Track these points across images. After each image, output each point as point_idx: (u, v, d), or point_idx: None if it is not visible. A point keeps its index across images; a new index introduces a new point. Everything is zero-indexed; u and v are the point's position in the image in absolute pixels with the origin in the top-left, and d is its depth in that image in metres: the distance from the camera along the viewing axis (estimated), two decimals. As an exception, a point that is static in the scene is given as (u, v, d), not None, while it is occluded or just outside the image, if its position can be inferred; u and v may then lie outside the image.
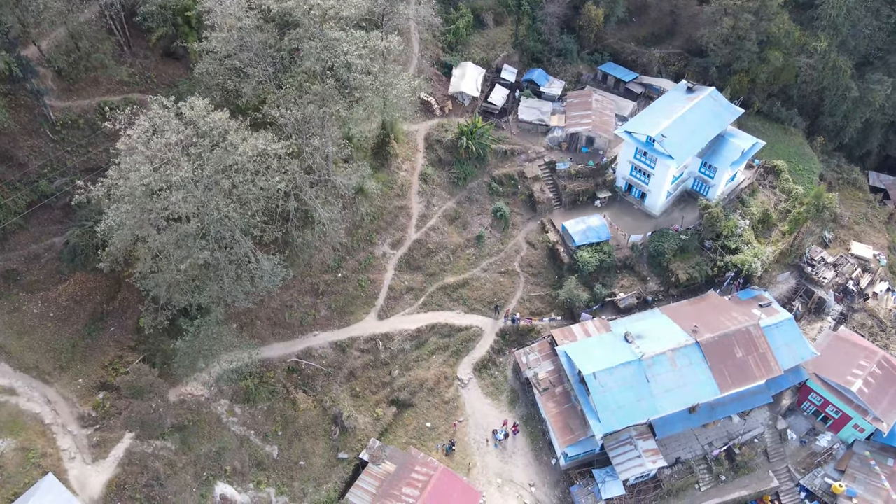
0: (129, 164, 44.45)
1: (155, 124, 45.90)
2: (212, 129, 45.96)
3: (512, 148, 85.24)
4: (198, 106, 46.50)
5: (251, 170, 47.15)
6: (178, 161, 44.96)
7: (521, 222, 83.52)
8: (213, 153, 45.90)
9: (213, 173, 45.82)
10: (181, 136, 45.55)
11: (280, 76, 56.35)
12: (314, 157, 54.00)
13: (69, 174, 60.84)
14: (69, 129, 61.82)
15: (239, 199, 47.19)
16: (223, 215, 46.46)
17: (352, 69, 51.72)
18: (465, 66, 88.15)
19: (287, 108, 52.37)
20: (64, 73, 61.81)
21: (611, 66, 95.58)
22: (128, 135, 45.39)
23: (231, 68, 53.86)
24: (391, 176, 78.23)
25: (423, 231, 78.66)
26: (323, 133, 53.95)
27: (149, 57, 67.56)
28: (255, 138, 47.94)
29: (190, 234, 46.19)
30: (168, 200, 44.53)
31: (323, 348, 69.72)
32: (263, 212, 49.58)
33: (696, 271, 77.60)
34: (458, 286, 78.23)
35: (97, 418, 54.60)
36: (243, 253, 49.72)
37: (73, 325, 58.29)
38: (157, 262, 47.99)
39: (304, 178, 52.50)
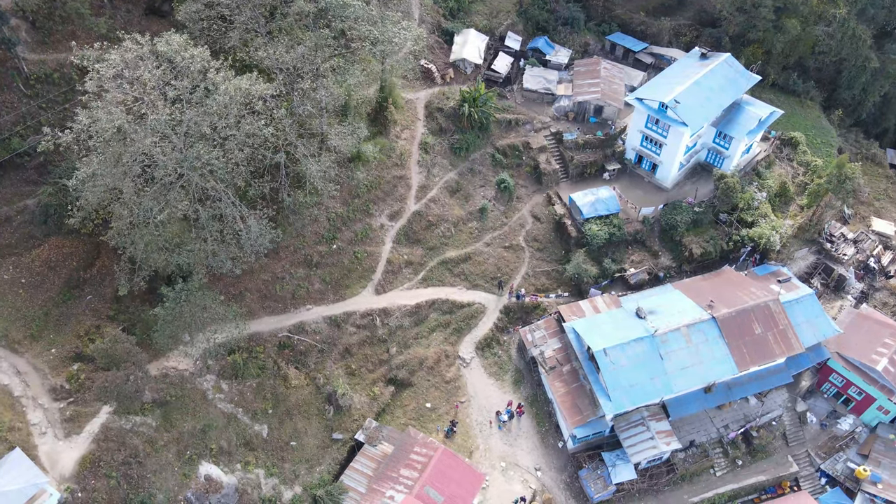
0: (99, 108, 40.30)
1: (127, 60, 41.69)
2: (190, 67, 41.74)
3: (516, 118, 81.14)
4: (174, 41, 42.31)
5: (234, 113, 42.98)
6: (153, 103, 40.78)
7: (526, 195, 79.47)
8: (192, 95, 41.69)
9: (193, 117, 41.65)
10: (157, 74, 41.36)
11: (270, 24, 52.16)
12: (304, 104, 49.80)
13: (44, 130, 56.50)
14: (43, 83, 57.65)
15: (221, 145, 42.99)
16: (204, 163, 42.32)
17: (347, 12, 47.51)
18: (468, 33, 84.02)
19: (275, 50, 48.09)
20: (38, 24, 57.59)
21: (619, 37, 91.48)
22: (96, 70, 41.17)
23: (217, 16, 49.63)
24: (390, 144, 74.11)
25: (423, 202, 74.61)
26: (315, 79, 49.73)
27: (131, 11, 63.41)
28: (239, 79, 43.73)
29: (167, 183, 42.07)
30: (143, 143, 40.34)
31: (316, 323, 65.68)
32: (249, 162, 45.37)
33: (711, 245, 73.61)
34: (459, 261, 74.22)
35: (70, 391, 50.54)
36: (228, 208, 45.61)
37: (46, 293, 54.17)
38: (133, 215, 43.84)
39: (293, 128, 48.29)
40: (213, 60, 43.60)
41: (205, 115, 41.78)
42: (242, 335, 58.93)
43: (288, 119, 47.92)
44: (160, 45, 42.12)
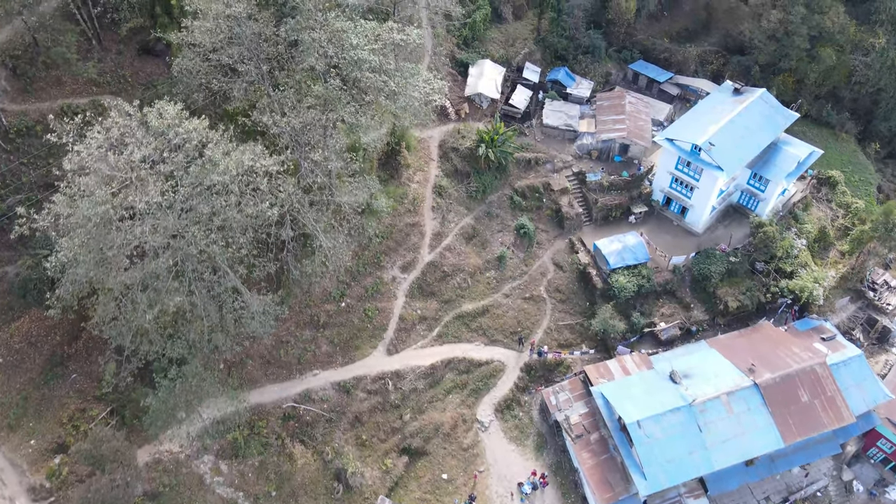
0: (80, 188, 35.10)
1: (113, 137, 36.48)
2: (186, 143, 36.52)
3: (536, 156, 75.90)
4: (167, 113, 37.11)
5: (236, 192, 37.77)
6: (143, 182, 35.57)
7: (547, 240, 74.21)
8: (188, 172, 36.52)
9: (188, 197, 36.47)
10: (147, 152, 36.15)
11: (276, 74, 46.93)
12: (315, 174, 44.64)
13: (25, 190, 51.43)
14: (25, 136, 52.54)
15: (221, 228, 37.82)
16: (201, 250, 37.19)
17: (362, 67, 42.29)
18: (483, 64, 78.77)
19: (282, 114, 42.85)
20: (20, 70, 52.35)
21: (642, 65, 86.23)
22: (76, 151, 35.93)
23: (217, 65, 44.41)
24: (402, 189, 68.92)
25: (437, 251, 69.38)
26: (326, 144, 44.54)
27: (122, 53, 58.18)
28: (241, 152, 38.53)
29: (159, 273, 36.91)
30: (132, 234, 35.17)
31: (324, 390, 60.50)
32: (253, 242, 40.29)
33: (747, 298, 68.38)
34: (477, 314, 68.98)
35: (52, 489, 45.41)
36: (228, 290, 40.43)
37: (26, 373, 49.03)
38: (120, 306, 38.67)
39: (302, 199, 43.06)
40: (212, 130, 38.38)
41: (202, 195, 36.65)
42: (243, 410, 53.67)
43: (298, 192, 42.68)
44: (151, 118, 36.93)
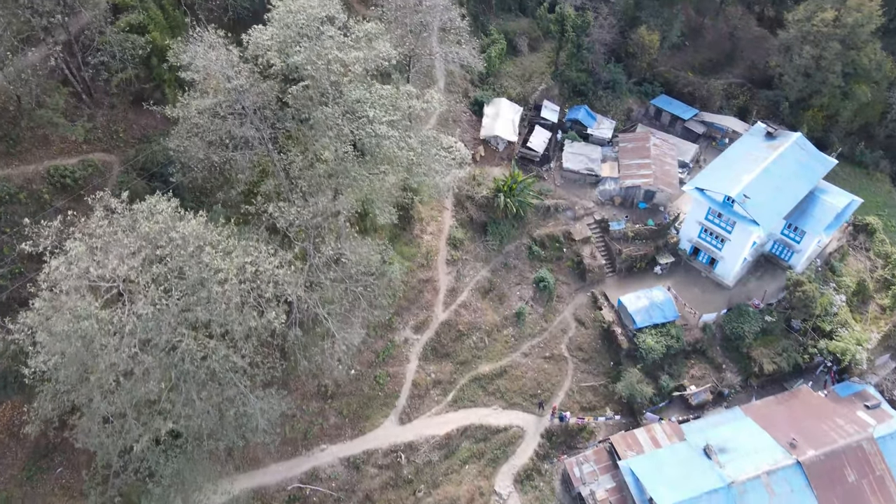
0: (57, 304, 30.85)
1: (95, 248, 32.18)
2: (180, 248, 32.26)
3: (556, 203, 71.55)
4: (162, 210, 32.81)
5: (237, 301, 33.50)
6: (132, 291, 31.32)
7: (568, 294, 69.82)
8: (182, 277, 32.25)
9: (185, 308, 32.23)
10: (136, 263, 31.85)
11: (281, 138, 42.52)
12: (330, 267, 40.28)
13: (7, 264, 47.01)
14: (7, 204, 48.09)
15: (221, 336, 33.56)
16: (196, 367, 32.94)
17: (380, 143, 38.06)
18: (499, 103, 74.41)
19: (291, 202, 38.54)
20: (2, 132, 48.04)
21: (665, 101, 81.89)
22: (54, 267, 31.55)
23: (217, 139, 40.06)
24: (414, 242, 64.58)
25: (452, 309, 65.01)
26: (337, 227, 40.29)
27: (115, 106, 53.86)
28: (244, 250, 34.24)
29: (152, 398, 32.70)
30: (118, 356, 30.92)
31: (332, 467, 56.05)
32: (256, 347, 36.05)
33: (784, 359, 64.03)
34: (494, 376, 64.59)
35: None
36: (230, 399, 36.17)
37: (7, 469, 44.66)
38: (106, 430, 34.39)
39: (312, 297, 38.75)
40: (212, 223, 34.09)
41: (199, 303, 32.42)
42: (243, 499, 49.32)
43: (307, 294, 38.40)
44: (141, 221, 32.56)
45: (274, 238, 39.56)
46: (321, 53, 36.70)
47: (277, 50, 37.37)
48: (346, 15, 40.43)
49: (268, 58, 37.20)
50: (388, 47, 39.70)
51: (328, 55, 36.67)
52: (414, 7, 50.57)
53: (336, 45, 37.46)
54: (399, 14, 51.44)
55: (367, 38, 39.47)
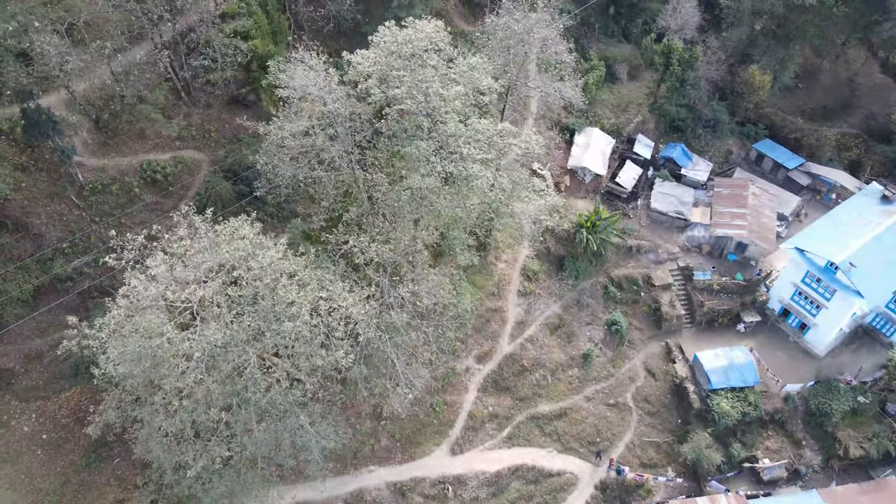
0: (132, 322, 30.75)
1: (174, 266, 32.03)
2: (257, 278, 31.74)
3: (639, 244, 68.25)
4: (245, 234, 32.35)
5: (306, 336, 32.72)
6: (203, 318, 31.00)
7: (640, 340, 66.46)
8: (255, 307, 31.77)
9: (252, 337, 31.71)
10: (215, 286, 31.52)
11: (369, 161, 41.57)
12: (403, 307, 39.10)
13: (92, 251, 48.27)
14: (99, 194, 49.40)
15: (287, 374, 32.94)
16: (260, 396, 32.41)
17: (471, 183, 36.50)
18: (591, 133, 71.61)
19: (372, 226, 37.57)
20: (102, 123, 49.26)
21: (769, 146, 76.90)
22: (133, 287, 31.56)
23: (305, 160, 39.48)
24: (487, 270, 62.83)
25: (518, 342, 62.89)
26: (412, 270, 39.13)
27: (211, 106, 54.61)
28: (319, 283, 33.43)
29: (212, 426, 32.40)
30: (183, 380, 30.66)
31: (379, 490, 55.05)
32: (319, 382, 35.29)
33: (873, 446, 58.74)
34: (553, 417, 62.08)
35: None
36: (289, 426, 35.55)
37: (68, 454, 45.77)
38: (164, 447, 34.32)
39: (383, 338, 37.68)
40: (288, 254, 33.51)
41: (268, 330, 31.83)
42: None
43: (377, 333, 37.37)
44: (223, 245, 32.23)
45: (350, 269, 38.68)
46: (421, 87, 35.45)
47: (378, 79, 36.35)
48: (453, 47, 39.06)
49: (367, 86, 36.21)
50: (489, 81, 38.10)
51: (429, 89, 35.38)
52: (520, 37, 48.75)
53: (438, 78, 36.11)
54: (504, 43, 49.81)
55: (469, 71, 37.96)
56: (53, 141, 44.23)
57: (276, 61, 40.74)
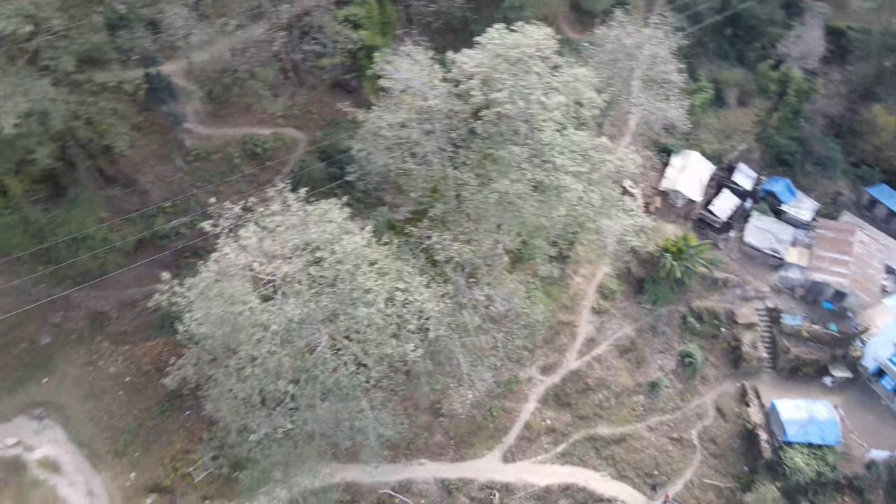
0: (219, 286, 32.27)
1: (262, 237, 33.37)
2: (340, 262, 32.59)
3: (726, 277, 65.34)
4: (333, 217, 33.36)
5: (378, 324, 33.34)
6: (285, 293, 32.16)
7: (714, 377, 63.68)
8: (334, 289, 32.66)
9: (328, 318, 32.61)
10: (300, 263, 32.67)
11: (461, 160, 41.76)
12: (476, 310, 39.22)
13: (190, 213, 50.99)
14: (203, 160, 52.21)
15: (354, 358, 33.75)
16: (326, 376, 33.33)
17: (560, 194, 36.09)
18: (690, 156, 69.14)
19: (457, 224, 37.81)
20: (214, 94, 51.92)
21: (885, 192, 71.70)
22: (224, 253, 33.08)
23: (398, 151, 40.21)
24: (563, 282, 61.92)
25: (585, 359, 61.71)
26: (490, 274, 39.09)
27: (315, 87, 56.56)
28: (398, 273, 33.98)
29: (276, 394, 33.63)
30: (258, 349, 31.97)
31: (426, 484, 55.46)
32: (385, 371, 36.03)
33: (961, 530, 53.79)
34: (611, 441, 60.46)
35: (135, 533, 44.34)
36: (350, 409, 36.46)
37: (146, 399, 48.70)
38: (232, 411, 35.91)
39: (452, 336, 37.96)
40: (372, 242, 34.26)
41: (343, 312, 32.68)
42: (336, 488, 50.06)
43: (448, 332, 37.63)
44: (312, 225, 33.34)
45: (429, 264, 39.07)
46: (523, 93, 35.27)
47: (480, 80, 36.45)
48: (559, 55, 38.64)
49: (469, 86, 36.37)
50: (592, 94, 37.42)
51: (530, 95, 35.16)
52: (629, 51, 47.57)
53: (541, 86, 35.81)
54: (611, 56, 48.79)
55: (574, 81, 37.44)
56: (169, 106, 47.06)
57: (383, 52, 41.67)
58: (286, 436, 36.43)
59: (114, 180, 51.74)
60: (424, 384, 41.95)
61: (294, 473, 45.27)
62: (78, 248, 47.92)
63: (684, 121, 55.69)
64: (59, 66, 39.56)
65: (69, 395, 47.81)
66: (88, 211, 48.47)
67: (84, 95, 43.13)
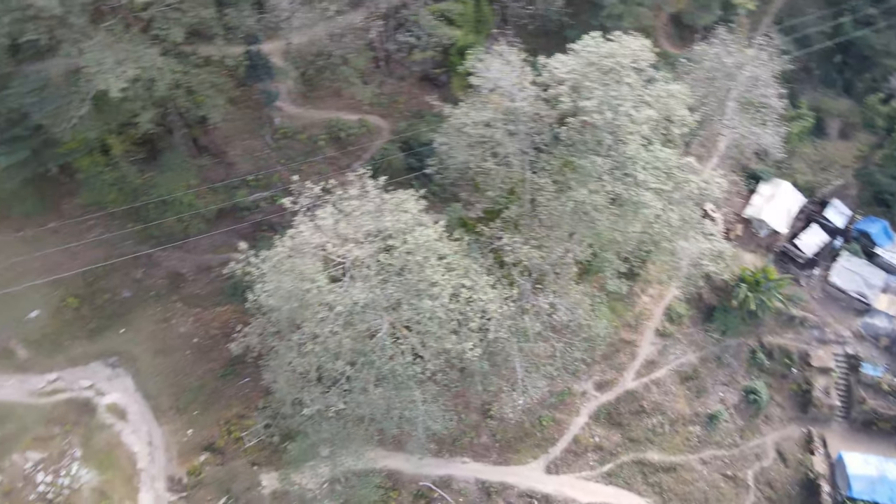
0: (291, 262, 33.29)
1: (337, 220, 34.17)
2: (410, 252, 33.00)
3: (804, 316, 62.14)
4: (409, 208, 33.81)
5: (441, 319, 33.56)
6: (353, 277, 32.84)
7: (778, 419, 60.83)
8: (402, 278, 33.10)
9: (392, 306, 33.10)
10: (372, 248, 33.30)
11: (540, 165, 41.44)
12: (539, 317, 38.94)
13: (272, 188, 52.79)
14: (289, 139, 53.87)
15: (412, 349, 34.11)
16: (383, 362, 33.85)
17: (638, 210, 35.31)
18: (780, 185, 66.02)
19: (530, 228, 37.60)
20: (307, 76, 53.46)
21: None
22: (299, 230, 34.04)
23: (480, 149, 40.28)
24: (629, 300, 60.51)
25: (643, 381, 60.15)
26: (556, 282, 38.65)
27: (404, 79, 57.30)
28: (466, 270, 34.04)
29: (333, 374, 34.39)
30: (321, 328, 32.78)
31: (467, 483, 55.53)
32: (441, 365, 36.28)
33: None
34: (660, 468, 58.73)
35: (186, 486, 46.58)
36: (402, 398, 36.94)
37: (210, 362, 50.84)
38: (288, 377, 37.03)
39: (511, 340, 37.76)
40: (443, 236, 34.52)
41: (407, 302, 33.09)
42: (377, 473, 50.88)
43: (507, 335, 37.50)
44: (387, 215, 33.91)
45: (496, 265, 39.02)
46: (612, 103, 34.59)
47: (570, 86, 35.99)
48: (654, 68, 37.69)
49: (558, 92, 35.97)
50: (685, 112, 36.28)
51: (619, 107, 34.43)
52: (729, 71, 45.84)
53: (632, 98, 35.04)
54: (709, 74, 47.19)
55: (667, 97, 36.42)
56: (264, 84, 48.81)
57: (476, 50, 41.78)
58: (337, 415, 37.31)
59: (205, 150, 54.14)
60: (478, 384, 41.97)
61: (339, 452, 46.25)
62: (165, 211, 50.54)
63: (779, 148, 53.19)
64: (168, 37, 41.74)
65: (142, 348, 50.51)
66: (179, 176, 50.94)
67: (188, 66, 45.35)
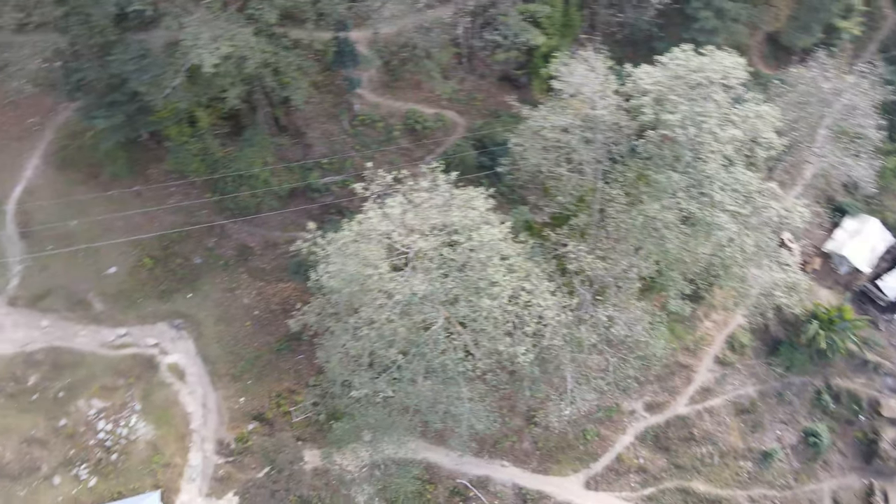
0: (357, 246, 33.83)
1: (405, 210, 34.47)
2: (474, 250, 33.01)
3: (878, 362, 58.94)
4: (474, 208, 33.83)
5: (497, 320, 33.48)
6: (414, 268, 33.11)
7: (838, 466, 57.89)
8: (463, 274, 33.16)
9: (450, 300, 33.20)
10: (436, 242, 33.50)
11: (614, 169, 40.65)
12: (596, 328, 38.25)
13: (345, 173, 53.94)
14: (366, 126, 54.80)
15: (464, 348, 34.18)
16: (434, 355, 34.02)
17: (711, 232, 34.20)
18: (867, 222, 62.57)
19: (596, 238, 37.01)
20: (390, 66, 54.22)
21: None
22: (367, 217, 34.49)
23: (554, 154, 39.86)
24: (691, 323, 58.70)
25: (696, 408, 58.37)
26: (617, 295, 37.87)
27: (484, 77, 57.31)
28: (527, 273, 33.77)
29: (385, 362, 34.81)
30: (378, 314, 33.22)
31: (504, 486, 55.32)
32: (491, 365, 36.20)
33: None
34: (705, 499, 56.94)
35: (234, 451, 48.28)
36: (449, 393, 37.10)
37: (268, 335, 52.42)
38: (341, 359, 37.74)
39: (564, 349, 37.24)
40: (508, 237, 34.34)
41: (466, 299, 33.16)
42: (417, 464, 51.20)
43: (561, 343, 37.00)
44: (455, 211, 33.95)
45: (558, 272, 38.59)
46: (696, 119, 33.53)
47: (654, 98, 35.10)
48: (746, 87, 36.31)
49: (641, 103, 35.14)
50: (772, 135, 34.77)
51: (703, 123, 33.34)
52: (824, 97, 43.68)
53: (717, 116, 33.87)
54: (803, 98, 45.11)
55: (754, 118, 35.01)
56: (348, 70, 49.82)
57: (561, 54, 41.31)
58: (384, 402, 37.82)
59: (285, 130, 55.70)
60: (526, 388, 41.68)
61: (382, 439, 46.84)
62: (241, 185, 52.35)
63: (871, 182, 50.31)
64: (262, 17, 43.11)
65: (206, 314, 52.57)
66: (257, 153, 52.64)
67: (278, 48, 46.71)
